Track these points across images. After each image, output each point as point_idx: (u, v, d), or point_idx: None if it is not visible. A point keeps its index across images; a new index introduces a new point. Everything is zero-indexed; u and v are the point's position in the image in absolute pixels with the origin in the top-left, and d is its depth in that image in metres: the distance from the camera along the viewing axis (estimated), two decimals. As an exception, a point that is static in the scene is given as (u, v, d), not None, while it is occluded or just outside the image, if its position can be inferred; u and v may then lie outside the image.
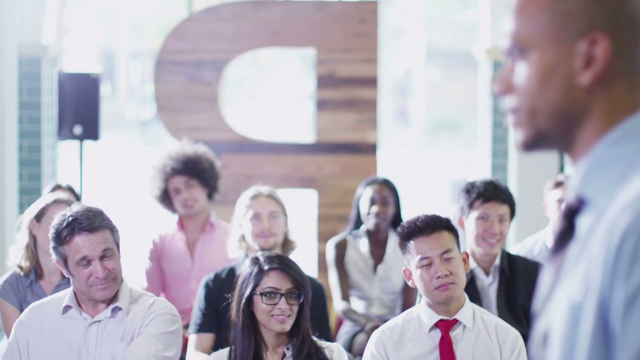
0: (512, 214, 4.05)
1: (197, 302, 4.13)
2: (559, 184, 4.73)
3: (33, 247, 3.96)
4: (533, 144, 1.50)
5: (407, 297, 4.99)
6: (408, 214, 4.07)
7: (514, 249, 4.80)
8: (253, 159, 6.58)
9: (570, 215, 1.47)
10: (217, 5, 6.82)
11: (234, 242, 4.29)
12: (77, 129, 6.14)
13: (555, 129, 1.47)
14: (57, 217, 3.26)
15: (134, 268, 5.04)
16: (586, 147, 1.46)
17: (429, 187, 16.32)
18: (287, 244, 4.31)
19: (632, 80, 1.45)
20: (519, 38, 1.49)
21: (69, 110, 6.14)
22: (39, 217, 3.92)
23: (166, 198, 4.88)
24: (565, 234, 1.47)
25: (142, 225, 10.64)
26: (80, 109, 6.13)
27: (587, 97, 1.45)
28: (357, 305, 5.09)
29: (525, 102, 1.48)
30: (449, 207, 10.51)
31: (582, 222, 1.44)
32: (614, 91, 1.44)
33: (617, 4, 1.45)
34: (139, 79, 29.66)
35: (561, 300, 1.40)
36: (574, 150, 1.48)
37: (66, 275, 3.30)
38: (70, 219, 3.19)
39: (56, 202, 3.93)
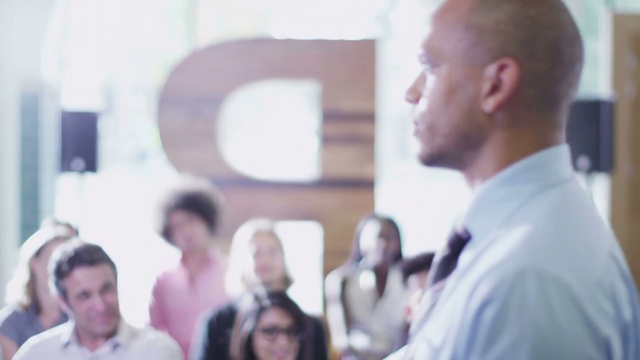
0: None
1: (198, 337, 4.12)
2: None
3: (33, 284, 3.95)
4: (429, 160, 1.40)
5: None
6: (409, 249, 4.07)
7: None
8: (254, 194, 6.59)
9: (457, 243, 1.38)
10: (219, 42, 6.86)
11: (235, 279, 4.29)
12: (78, 163, 6.27)
13: (453, 150, 1.37)
14: (58, 251, 3.26)
15: (133, 304, 5.02)
16: (483, 177, 1.36)
17: (429, 221, 16.31)
18: (285, 279, 4.33)
19: (542, 115, 1.35)
20: (430, 48, 1.39)
21: (70, 145, 6.28)
22: (39, 253, 3.92)
23: (168, 233, 4.87)
24: (450, 262, 1.38)
25: (142, 261, 10.62)
26: (81, 143, 6.29)
27: (489, 124, 1.35)
28: (361, 339, 5.08)
29: (427, 117, 1.38)
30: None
31: (464, 256, 1.34)
32: (520, 124, 1.34)
33: (535, 30, 1.33)
34: (140, 112, 29.73)
35: (427, 334, 1.33)
36: (471, 175, 1.38)
37: (66, 310, 3.30)
38: (71, 252, 3.20)
39: (57, 238, 3.93)
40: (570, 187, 1.34)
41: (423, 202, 19.88)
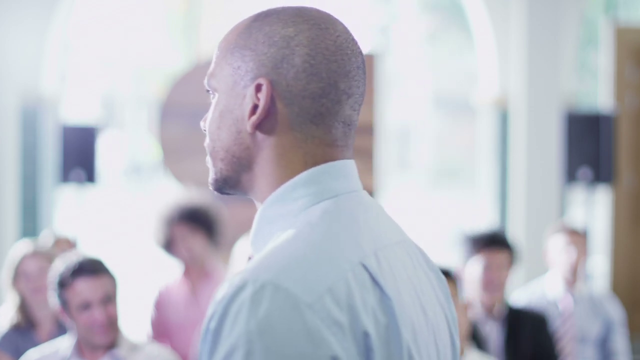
0: (513, 261, 4.05)
1: (198, 349, 4.11)
2: (560, 230, 4.71)
3: (24, 304, 4.01)
4: (216, 186, 1.42)
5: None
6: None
7: (516, 296, 4.78)
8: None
9: None
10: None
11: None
12: (78, 174, 6.41)
13: (232, 174, 1.39)
14: (60, 263, 3.28)
15: (132, 317, 5.01)
16: (261, 199, 1.38)
17: (429, 233, 16.32)
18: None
19: (306, 133, 1.35)
20: (210, 76, 1.42)
21: (70, 156, 6.38)
22: (16, 275, 4.01)
23: (170, 245, 4.87)
24: None
25: (142, 274, 10.61)
26: (81, 155, 6.40)
27: (254, 146, 1.36)
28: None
29: (209, 143, 1.41)
30: (449, 254, 10.48)
31: None
32: (284, 143, 1.35)
33: (290, 49, 1.34)
34: (141, 125, 29.77)
35: None
36: (255, 199, 1.40)
37: (67, 322, 3.30)
38: (72, 263, 3.22)
39: (25, 257, 4.02)
40: (341, 199, 1.35)
41: (422, 214, 19.88)
